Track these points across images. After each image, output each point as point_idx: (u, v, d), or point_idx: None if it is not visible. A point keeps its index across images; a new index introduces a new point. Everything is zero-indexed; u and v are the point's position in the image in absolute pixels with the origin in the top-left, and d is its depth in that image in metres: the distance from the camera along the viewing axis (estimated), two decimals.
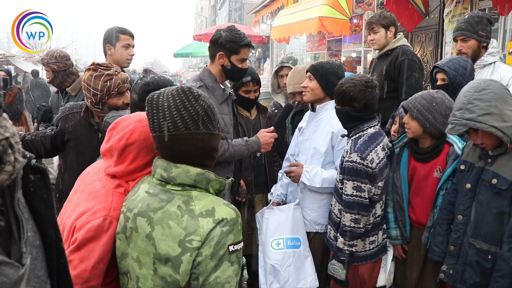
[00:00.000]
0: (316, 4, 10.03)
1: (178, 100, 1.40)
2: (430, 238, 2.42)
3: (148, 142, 1.52)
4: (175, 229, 1.33)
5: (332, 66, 2.86)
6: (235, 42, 2.64)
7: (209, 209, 1.35)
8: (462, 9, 6.63)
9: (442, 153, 2.46)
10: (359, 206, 2.39)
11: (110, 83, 2.44)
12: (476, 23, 3.14)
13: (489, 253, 2.07)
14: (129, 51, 3.60)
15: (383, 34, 3.72)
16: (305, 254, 2.78)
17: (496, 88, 2.03)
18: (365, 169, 2.37)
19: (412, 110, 2.44)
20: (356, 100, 2.42)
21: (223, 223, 1.33)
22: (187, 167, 1.39)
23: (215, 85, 2.72)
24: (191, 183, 1.39)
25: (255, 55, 22.23)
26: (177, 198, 1.38)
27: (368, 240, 2.51)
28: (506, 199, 2.02)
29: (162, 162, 1.43)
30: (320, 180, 2.71)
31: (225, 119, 2.73)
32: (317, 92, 2.84)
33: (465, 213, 2.19)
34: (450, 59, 2.87)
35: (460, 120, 2.04)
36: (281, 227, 2.80)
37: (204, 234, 1.31)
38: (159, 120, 1.39)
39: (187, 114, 1.39)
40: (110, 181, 1.54)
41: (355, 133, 2.49)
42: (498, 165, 2.07)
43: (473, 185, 2.17)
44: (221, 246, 1.31)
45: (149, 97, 1.43)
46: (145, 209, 1.40)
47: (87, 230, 1.39)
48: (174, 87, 1.45)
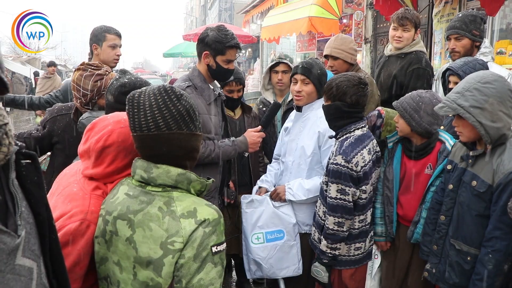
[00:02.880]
0: (306, 4, 10.02)
1: (160, 99, 1.36)
2: (420, 237, 2.42)
3: (126, 144, 1.48)
4: (156, 231, 1.30)
5: (321, 66, 2.82)
6: (221, 43, 2.58)
7: (191, 210, 1.32)
8: (451, 9, 6.65)
9: (434, 151, 2.47)
10: (342, 209, 2.36)
11: (100, 83, 2.40)
12: (470, 22, 3.10)
13: (469, 255, 2.07)
14: (116, 51, 3.50)
15: (412, 34, 3.53)
16: (289, 244, 2.76)
17: (501, 87, 1.97)
18: (349, 172, 2.33)
19: (400, 109, 2.47)
20: (348, 95, 2.39)
21: (206, 224, 1.31)
22: (167, 168, 1.36)
23: (204, 85, 2.67)
24: (172, 184, 1.36)
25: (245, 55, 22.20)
26: (157, 199, 1.35)
27: (354, 246, 2.49)
28: (485, 202, 2.00)
29: (142, 163, 1.39)
30: (304, 192, 2.70)
31: (214, 120, 2.68)
32: (313, 96, 2.80)
33: (447, 214, 2.20)
34: (466, 62, 2.73)
35: (452, 103, 2.02)
36: (260, 221, 2.79)
37: (186, 236, 1.29)
38: (140, 119, 1.35)
39: (168, 114, 1.35)
40: (88, 184, 1.49)
41: (342, 134, 2.46)
42: (478, 167, 2.06)
43: (455, 186, 2.17)
44: (204, 247, 1.29)
45: (130, 96, 1.39)
46: (125, 211, 1.37)
47: (63, 234, 1.35)
48: (156, 85, 1.41)
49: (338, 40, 3.53)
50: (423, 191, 2.44)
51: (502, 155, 1.97)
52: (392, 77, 3.56)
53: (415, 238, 2.44)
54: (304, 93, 2.77)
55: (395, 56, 3.61)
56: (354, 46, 3.60)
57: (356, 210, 2.43)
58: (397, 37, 3.54)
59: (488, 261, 1.94)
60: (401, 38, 3.52)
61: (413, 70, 3.44)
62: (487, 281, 1.94)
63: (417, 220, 2.43)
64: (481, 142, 2.07)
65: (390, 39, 3.64)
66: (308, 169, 2.75)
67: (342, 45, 3.48)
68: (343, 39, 3.54)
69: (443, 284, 2.19)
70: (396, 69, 3.55)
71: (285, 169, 2.89)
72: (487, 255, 1.95)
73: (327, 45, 3.57)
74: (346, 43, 3.52)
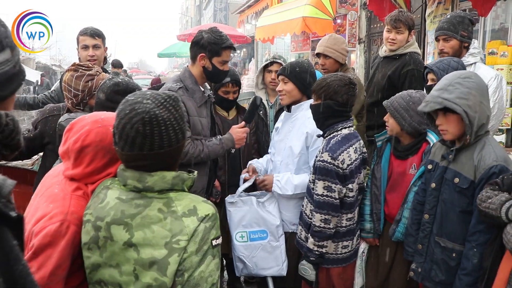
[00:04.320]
0: (300, 4, 10.05)
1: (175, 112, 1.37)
2: (401, 236, 2.44)
3: (105, 143, 1.47)
4: (159, 232, 1.32)
5: (303, 65, 2.83)
6: (217, 44, 2.61)
7: (191, 208, 1.36)
8: (444, 9, 6.68)
9: (419, 151, 2.49)
10: (329, 206, 2.38)
11: (91, 83, 2.40)
12: (458, 23, 3.11)
13: (454, 251, 2.09)
14: (87, 52, 3.41)
15: (406, 37, 3.54)
16: (272, 245, 2.78)
17: (479, 81, 2.07)
18: (335, 169, 2.35)
19: (390, 108, 2.49)
20: (340, 94, 2.41)
21: (206, 219, 1.36)
22: (162, 174, 1.37)
23: (195, 87, 2.68)
24: (169, 187, 1.38)
25: (240, 55, 22.19)
26: (155, 201, 1.36)
27: (341, 244, 2.50)
28: (468, 198, 2.05)
29: (133, 173, 1.38)
30: (292, 187, 2.71)
31: (203, 122, 2.70)
32: (294, 94, 2.80)
33: (431, 212, 2.22)
34: (441, 60, 2.85)
35: (436, 98, 2.05)
36: (244, 220, 2.81)
37: (190, 233, 1.32)
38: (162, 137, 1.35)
39: (173, 131, 1.36)
40: (69, 184, 1.49)
41: (330, 133, 2.48)
42: (459, 164, 2.10)
43: (437, 184, 2.19)
44: (205, 241, 1.34)
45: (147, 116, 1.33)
46: (119, 216, 1.36)
47: (44, 235, 1.34)
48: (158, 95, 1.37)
49: (331, 39, 3.60)
50: (405, 190, 2.46)
51: (482, 151, 2.03)
52: (386, 78, 3.58)
53: (396, 236, 2.46)
54: (284, 91, 2.79)
55: (390, 57, 3.62)
56: (346, 46, 3.66)
57: (344, 208, 2.44)
58: (391, 40, 3.55)
59: (473, 256, 1.97)
60: (395, 40, 3.53)
61: (407, 71, 3.47)
62: (472, 275, 1.98)
63: (399, 219, 2.45)
64: (460, 140, 2.10)
65: (384, 41, 3.66)
66: (295, 169, 2.76)
67: (335, 45, 3.54)
68: (336, 39, 3.60)
69: (429, 283, 2.20)
70: (390, 71, 3.57)
71: (274, 168, 2.90)
72: (471, 250, 1.98)
73: (320, 44, 3.62)
74: (339, 43, 3.58)
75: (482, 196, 1.88)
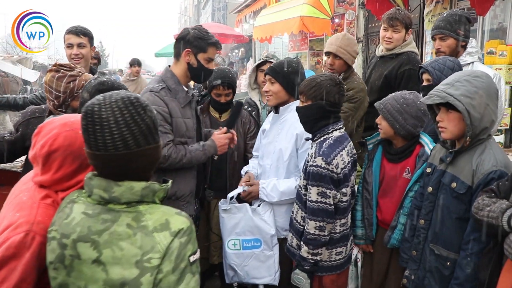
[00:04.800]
0: (298, 4, 10.00)
1: (127, 114, 1.24)
2: (397, 243, 2.36)
3: (73, 148, 1.39)
4: (129, 250, 1.21)
5: (291, 65, 2.71)
6: (203, 40, 2.55)
7: (163, 222, 1.25)
8: (442, 8, 6.63)
9: (413, 154, 2.41)
10: (323, 213, 2.28)
11: (73, 84, 2.31)
12: (455, 21, 3.02)
13: (448, 260, 2.00)
14: (72, 51, 3.31)
15: (403, 35, 3.45)
16: (266, 254, 2.69)
17: (490, 82, 1.97)
18: (330, 174, 2.25)
19: (383, 111, 2.41)
20: (331, 94, 2.32)
21: (181, 234, 1.25)
22: (130, 184, 1.26)
23: (178, 87, 2.60)
24: (138, 199, 1.27)
25: (238, 55, 22.12)
26: (124, 216, 1.25)
27: (335, 251, 2.40)
28: (465, 204, 1.95)
29: (100, 181, 1.27)
30: (278, 193, 2.63)
31: (188, 123, 2.62)
32: (281, 95, 2.70)
33: (426, 218, 2.13)
34: (436, 59, 2.72)
35: (441, 92, 1.96)
36: (237, 228, 2.73)
37: (163, 250, 1.21)
38: (104, 137, 1.22)
39: (138, 130, 1.25)
40: (38, 192, 1.40)
41: (320, 136, 2.37)
42: (457, 167, 2.00)
43: (434, 188, 2.10)
44: (182, 259, 1.23)
45: (88, 109, 1.25)
46: (86, 233, 1.25)
47: (7, 247, 1.25)
48: (119, 96, 1.27)
49: (345, 40, 3.37)
50: (401, 196, 2.38)
51: (481, 155, 1.93)
52: (382, 78, 3.49)
53: (391, 243, 2.37)
54: (271, 92, 2.70)
55: (387, 56, 3.54)
56: (357, 49, 3.48)
57: (338, 213, 2.35)
58: (387, 38, 3.47)
59: (466, 265, 1.88)
60: (391, 39, 3.45)
61: (404, 71, 3.38)
62: (465, 285, 1.88)
63: (394, 225, 2.37)
64: (460, 142, 2.01)
65: (381, 40, 3.57)
66: (286, 172, 2.67)
67: (348, 46, 3.34)
68: (349, 40, 3.39)
69: None
70: (387, 70, 3.48)
71: (263, 172, 2.81)
72: (465, 259, 1.89)
73: (332, 42, 3.40)
74: (352, 44, 3.38)
75: (479, 204, 1.76)
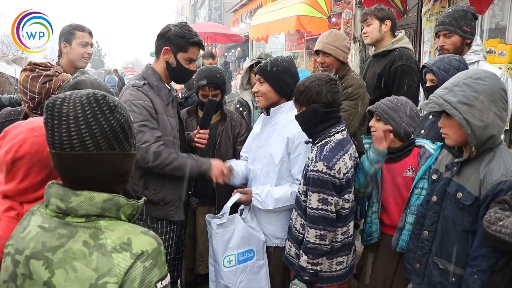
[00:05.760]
0: (294, 3, 9.87)
1: (89, 111, 1.11)
2: (403, 250, 2.25)
3: (41, 156, 1.27)
4: (82, 272, 1.06)
5: (282, 64, 2.55)
6: (184, 38, 2.39)
7: (124, 241, 1.10)
8: (440, 7, 6.55)
9: (412, 154, 2.36)
10: (325, 220, 2.15)
11: (49, 84, 2.17)
12: (460, 17, 2.91)
13: (454, 275, 1.86)
14: (86, 49, 3.36)
15: (376, 27, 3.42)
16: (258, 265, 2.58)
17: (493, 85, 1.77)
18: (332, 179, 2.13)
19: (377, 111, 2.37)
20: (323, 94, 2.20)
21: (144, 257, 1.09)
22: (90, 194, 1.12)
23: (160, 84, 2.47)
24: (98, 213, 1.12)
25: (234, 55, 22.00)
26: (81, 231, 1.10)
27: (336, 261, 2.27)
28: (472, 216, 1.79)
29: (57, 189, 1.14)
30: (273, 200, 2.49)
31: (172, 122, 2.50)
32: (270, 96, 2.55)
33: (431, 229, 2.00)
34: (441, 58, 2.59)
35: (438, 99, 1.81)
36: (232, 241, 2.57)
37: (122, 274, 1.06)
38: (61, 134, 1.10)
39: (99, 130, 1.11)
40: (1, 203, 1.28)
41: (321, 139, 2.25)
42: (463, 176, 1.85)
43: (439, 197, 1.96)
44: (146, 286, 1.07)
45: (50, 102, 1.12)
46: (40, 249, 1.11)
47: None
48: (85, 92, 1.14)
49: (331, 35, 3.34)
50: (405, 194, 2.29)
51: (490, 163, 1.77)
52: (376, 76, 3.42)
53: (400, 246, 2.26)
54: (260, 93, 2.56)
55: (379, 55, 3.49)
56: (347, 43, 3.41)
57: (339, 221, 2.22)
58: (363, 34, 3.52)
59: (473, 282, 1.73)
60: (366, 33, 3.48)
61: (397, 67, 3.30)
62: None
63: (402, 226, 2.25)
64: (467, 149, 1.86)
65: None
66: (277, 177, 2.54)
67: (336, 42, 3.30)
68: (336, 35, 3.35)
69: None
70: (380, 68, 3.41)
71: (254, 177, 2.68)
72: (472, 276, 1.74)
73: (319, 40, 3.37)
74: (340, 39, 3.33)
75: (491, 217, 1.61)
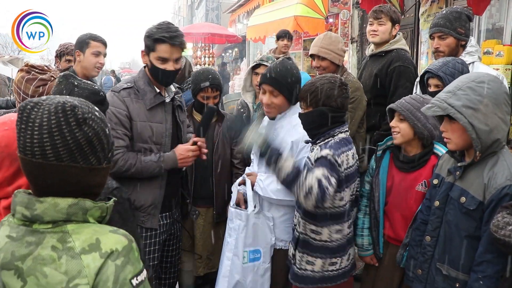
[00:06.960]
0: (292, 3, 9.88)
1: (54, 120, 1.08)
2: (405, 260, 2.20)
3: (11, 149, 1.25)
4: (53, 277, 1.05)
5: (291, 72, 2.43)
6: (149, 37, 2.31)
7: (93, 242, 1.09)
8: (437, 8, 6.55)
9: (428, 165, 2.22)
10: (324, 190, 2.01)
11: (43, 89, 2.16)
12: (454, 19, 2.87)
13: (457, 281, 1.84)
14: (99, 59, 3.42)
15: (388, 29, 3.37)
16: (264, 267, 2.55)
17: (497, 88, 1.76)
18: (336, 164, 2.05)
19: (402, 110, 2.22)
20: (333, 98, 2.13)
21: (115, 255, 1.08)
22: (54, 200, 1.11)
23: (147, 87, 2.41)
24: (64, 218, 1.11)
25: (232, 55, 21.98)
26: (49, 237, 1.10)
27: (329, 261, 2.22)
28: (476, 221, 1.78)
29: (22, 198, 1.12)
30: (275, 189, 2.42)
31: (156, 128, 2.42)
32: (284, 107, 2.49)
33: (433, 234, 1.97)
34: (445, 63, 2.53)
35: (442, 102, 1.77)
36: (249, 237, 2.53)
37: (92, 274, 1.05)
38: (25, 139, 1.08)
39: (61, 142, 1.08)
40: None
41: (324, 138, 2.18)
42: (467, 180, 1.83)
43: (441, 202, 1.93)
44: (121, 284, 1.07)
45: (22, 105, 1.10)
46: (9, 259, 1.09)
47: None
48: (57, 100, 1.11)
49: (326, 39, 3.28)
50: (412, 209, 2.20)
51: (494, 167, 1.75)
52: (373, 76, 3.40)
53: (404, 262, 2.21)
54: (274, 105, 2.47)
55: (376, 55, 3.47)
56: (343, 46, 3.38)
57: (331, 218, 2.18)
58: (372, 31, 3.42)
59: None
60: (376, 31, 3.40)
61: (394, 68, 3.29)
62: None
63: (406, 243, 2.19)
64: (470, 153, 1.84)
65: (367, 35, 3.51)
66: None
67: (331, 45, 3.25)
68: (331, 38, 3.29)
69: None
70: (377, 68, 3.39)
71: None
72: (477, 282, 1.72)
73: (314, 44, 3.32)
74: (335, 43, 3.28)
75: (499, 222, 1.58)
